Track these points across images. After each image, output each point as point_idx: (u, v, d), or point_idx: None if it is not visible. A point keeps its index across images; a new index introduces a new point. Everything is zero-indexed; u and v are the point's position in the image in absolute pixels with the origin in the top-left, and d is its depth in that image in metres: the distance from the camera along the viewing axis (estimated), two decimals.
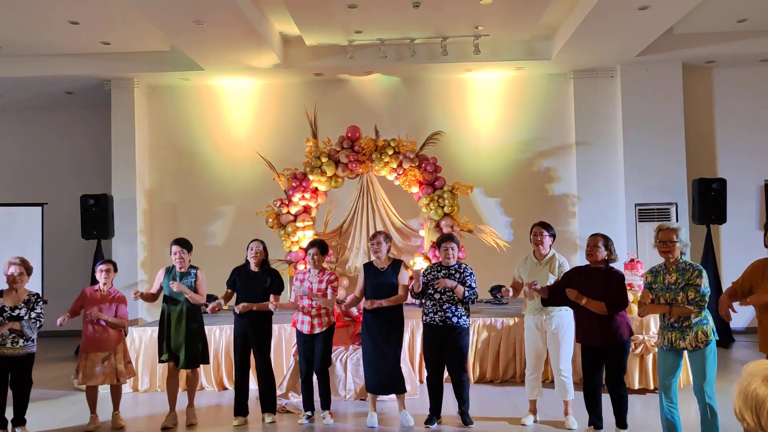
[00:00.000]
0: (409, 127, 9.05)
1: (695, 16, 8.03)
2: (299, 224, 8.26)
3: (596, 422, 4.72)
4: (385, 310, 5.16)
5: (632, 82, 9.30)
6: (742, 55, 9.00)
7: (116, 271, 5.51)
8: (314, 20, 7.90)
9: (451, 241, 5.19)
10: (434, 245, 7.74)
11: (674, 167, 9.15)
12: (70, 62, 9.03)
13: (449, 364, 5.12)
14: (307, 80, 9.77)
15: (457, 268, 5.14)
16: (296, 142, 9.09)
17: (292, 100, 9.75)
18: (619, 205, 9.36)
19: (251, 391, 5.50)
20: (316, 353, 5.27)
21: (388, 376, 5.17)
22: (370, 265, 5.35)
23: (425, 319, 5.16)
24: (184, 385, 5.64)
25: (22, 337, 4.95)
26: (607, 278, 4.60)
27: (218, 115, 9.97)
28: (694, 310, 4.11)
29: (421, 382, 6.28)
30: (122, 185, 9.52)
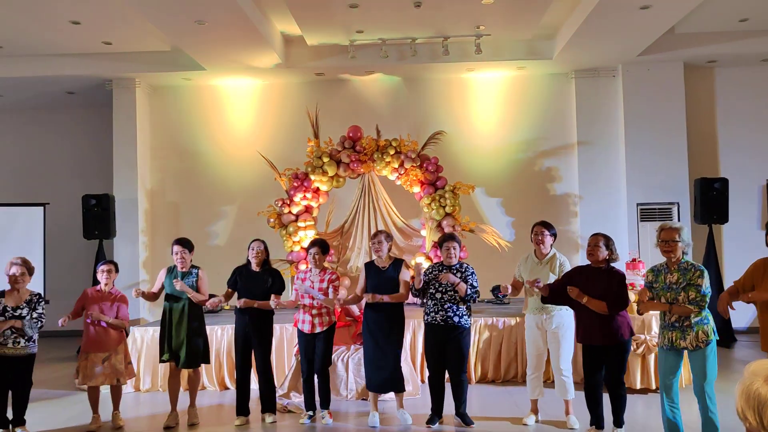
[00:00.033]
0: (410, 126, 9.05)
1: (697, 15, 8.02)
2: (301, 224, 8.27)
3: (598, 422, 4.72)
4: (386, 309, 5.17)
5: (634, 81, 9.29)
6: (743, 54, 8.99)
7: (117, 271, 5.52)
8: (315, 20, 7.91)
9: (453, 240, 5.19)
10: (436, 245, 7.74)
11: (676, 167, 9.14)
12: (71, 62, 9.03)
13: (449, 363, 5.11)
14: (308, 80, 9.77)
15: (458, 267, 5.14)
16: (298, 141, 9.10)
17: (293, 99, 9.75)
18: (620, 204, 9.35)
19: (252, 390, 5.50)
20: (316, 352, 5.28)
21: (389, 375, 5.17)
22: (371, 264, 5.36)
23: (427, 318, 5.17)
24: (185, 384, 5.64)
25: (23, 336, 4.96)
26: (608, 278, 4.60)
27: (220, 115, 9.98)
28: (694, 309, 4.12)
29: (422, 381, 6.28)
30: (124, 185, 9.52)
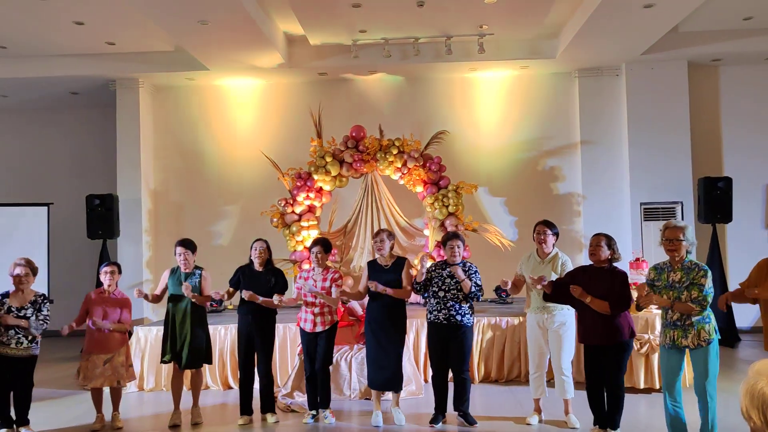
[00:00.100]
0: (413, 126, 9.05)
1: (701, 14, 7.99)
2: (304, 224, 8.27)
3: (601, 421, 4.71)
4: (388, 307, 5.18)
5: (637, 80, 9.26)
6: (748, 53, 8.96)
7: (120, 272, 5.52)
8: (318, 20, 7.91)
9: (456, 239, 5.20)
10: (439, 244, 7.73)
11: (680, 166, 9.10)
12: (75, 63, 9.05)
13: (452, 361, 5.12)
14: (311, 80, 9.77)
15: (461, 266, 5.14)
16: (301, 141, 9.10)
17: (296, 99, 9.75)
18: (624, 204, 9.33)
19: (255, 390, 5.50)
20: (318, 351, 5.29)
21: (391, 374, 5.18)
22: (373, 262, 5.38)
23: (429, 317, 5.17)
24: (188, 384, 5.65)
25: (26, 337, 4.97)
26: (610, 278, 4.59)
27: (223, 114, 9.98)
28: (696, 308, 4.12)
29: (425, 381, 6.29)
30: (127, 185, 9.54)
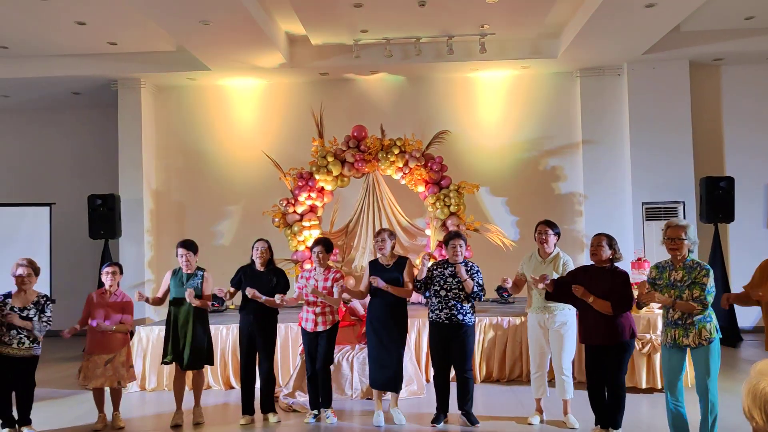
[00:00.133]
0: (415, 126, 9.05)
1: (702, 13, 7.99)
2: (305, 224, 8.27)
3: (603, 421, 4.70)
4: (389, 307, 5.19)
5: (639, 80, 9.25)
6: (749, 52, 8.95)
7: (122, 273, 5.52)
8: (320, 20, 7.91)
9: (459, 238, 5.20)
10: (441, 244, 7.73)
11: (681, 165, 9.09)
12: (77, 63, 9.06)
13: (454, 361, 5.13)
14: (312, 80, 9.77)
15: (463, 265, 5.14)
16: (302, 141, 9.10)
17: (298, 99, 9.76)
18: (626, 203, 9.32)
19: (257, 389, 5.50)
20: (319, 351, 5.29)
21: (392, 374, 5.19)
22: (375, 262, 5.38)
23: (431, 316, 5.17)
24: (190, 384, 5.66)
25: (28, 337, 4.98)
26: (612, 278, 4.59)
27: (225, 114, 9.99)
28: (698, 307, 4.11)
29: (427, 381, 6.29)
30: (129, 185, 9.56)
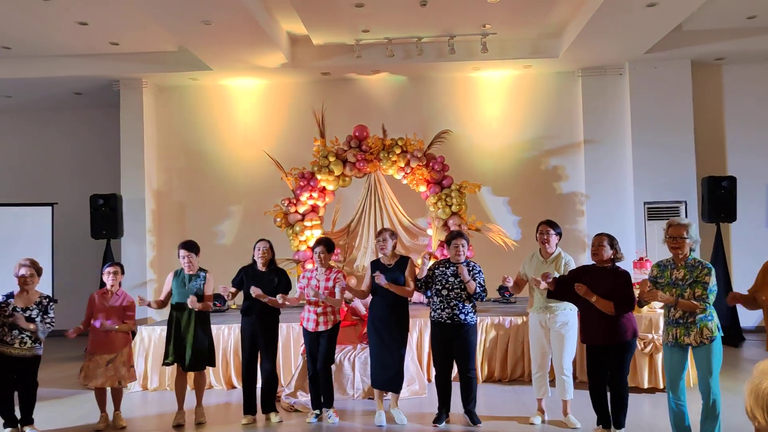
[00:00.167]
0: (416, 125, 9.04)
1: (704, 12, 7.97)
2: (307, 223, 8.27)
3: (605, 421, 4.70)
4: (391, 306, 5.19)
5: (641, 79, 9.24)
6: (751, 51, 8.94)
7: (123, 273, 5.52)
8: (321, 19, 7.91)
9: (461, 237, 5.20)
10: (442, 243, 7.73)
11: (683, 165, 9.08)
12: (79, 63, 9.08)
13: (458, 361, 5.13)
14: (314, 79, 9.77)
15: (465, 265, 5.14)
16: (304, 141, 9.10)
17: (299, 99, 9.76)
18: (627, 203, 9.31)
19: (259, 389, 5.50)
20: (320, 351, 5.29)
21: (394, 373, 5.19)
22: (377, 262, 5.39)
23: (433, 316, 5.17)
24: (192, 384, 5.66)
25: (30, 337, 4.98)
26: (613, 278, 4.58)
27: (226, 114, 10.00)
28: (700, 306, 4.11)
29: (429, 380, 6.29)
30: (131, 185, 9.57)
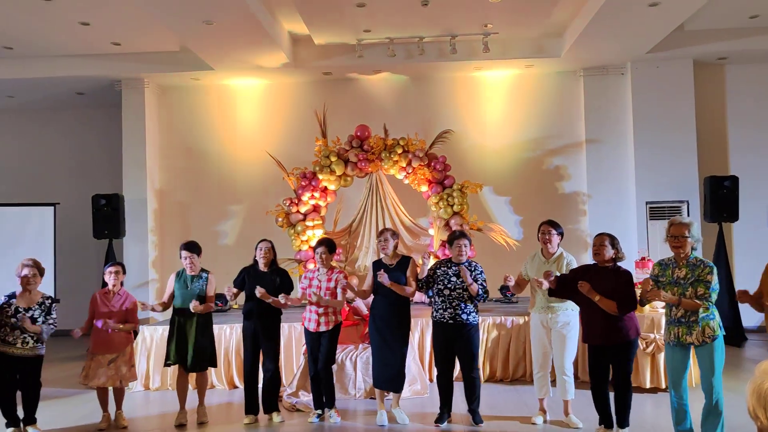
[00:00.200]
0: (418, 125, 9.03)
1: (706, 12, 7.96)
2: (309, 223, 8.28)
3: (607, 421, 4.70)
4: (392, 306, 5.19)
5: (643, 79, 9.23)
6: (754, 51, 8.92)
7: (125, 272, 5.52)
8: (323, 19, 7.92)
9: (463, 238, 5.19)
10: (444, 243, 7.73)
11: (685, 165, 9.07)
12: (80, 63, 9.09)
13: (461, 361, 5.13)
14: (316, 79, 9.78)
15: (467, 265, 5.14)
16: (306, 141, 9.10)
17: (301, 99, 9.76)
18: (629, 203, 9.30)
19: (261, 389, 5.51)
20: (321, 351, 5.29)
21: (395, 372, 5.20)
22: (379, 262, 5.38)
23: (435, 316, 5.17)
24: (194, 384, 5.66)
25: (32, 337, 4.98)
26: (615, 277, 4.57)
27: (228, 114, 10.00)
28: (703, 305, 4.10)
29: (431, 380, 6.28)
30: (133, 185, 9.57)
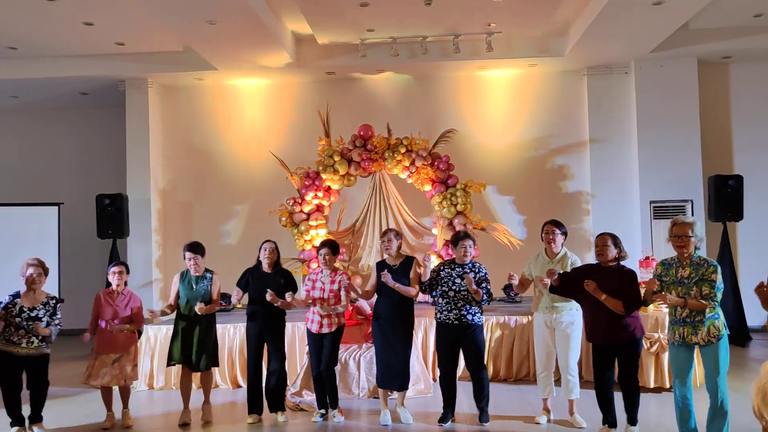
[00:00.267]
0: (421, 125, 9.03)
1: (711, 10, 7.94)
2: (312, 223, 8.29)
3: (610, 420, 4.69)
4: (396, 306, 5.19)
5: (647, 78, 9.21)
6: (758, 50, 8.89)
7: (128, 272, 5.52)
8: (326, 19, 7.92)
9: (468, 238, 5.19)
10: (447, 243, 7.73)
11: (690, 164, 9.05)
12: (84, 63, 9.11)
13: (468, 362, 5.13)
14: (319, 79, 9.78)
15: (471, 267, 5.14)
16: (309, 140, 9.11)
17: (304, 98, 9.77)
18: (633, 202, 9.28)
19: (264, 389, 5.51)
20: (323, 352, 5.29)
21: (399, 372, 5.19)
22: (382, 263, 5.39)
23: (439, 317, 5.16)
24: (198, 383, 5.67)
25: (37, 336, 4.99)
26: (619, 277, 4.56)
27: (231, 114, 10.02)
28: (709, 305, 4.08)
29: (434, 380, 6.28)
30: (137, 185, 9.60)
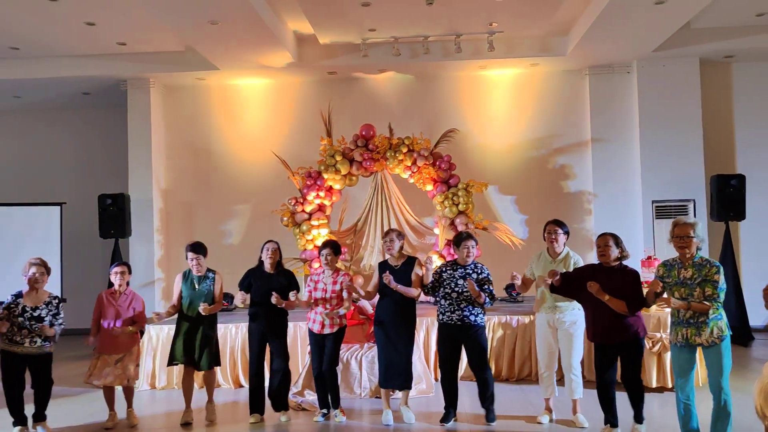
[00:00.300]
0: (423, 124, 9.03)
1: (713, 10, 7.91)
2: (314, 222, 8.29)
3: (612, 420, 4.69)
4: (397, 306, 5.20)
5: (649, 77, 9.19)
6: (761, 49, 8.86)
7: (131, 272, 5.53)
8: (328, 18, 7.91)
9: (470, 239, 5.19)
10: (449, 243, 7.72)
11: (692, 163, 9.03)
12: (86, 63, 9.11)
13: (472, 362, 5.14)
14: (321, 79, 9.78)
15: (473, 267, 5.14)
16: (311, 140, 9.10)
17: (306, 98, 9.77)
18: (635, 202, 9.27)
19: (265, 389, 5.51)
20: (325, 353, 5.30)
21: (401, 372, 5.20)
22: (384, 263, 5.39)
23: (442, 318, 5.16)
24: (200, 382, 5.68)
25: (39, 336, 5.00)
26: (621, 277, 4.56)
27: (233, 114, 10.02)
28: (712, 306, 4.08)
29: (436, 380, 6.28)
30: (139, 185, 9.60)
